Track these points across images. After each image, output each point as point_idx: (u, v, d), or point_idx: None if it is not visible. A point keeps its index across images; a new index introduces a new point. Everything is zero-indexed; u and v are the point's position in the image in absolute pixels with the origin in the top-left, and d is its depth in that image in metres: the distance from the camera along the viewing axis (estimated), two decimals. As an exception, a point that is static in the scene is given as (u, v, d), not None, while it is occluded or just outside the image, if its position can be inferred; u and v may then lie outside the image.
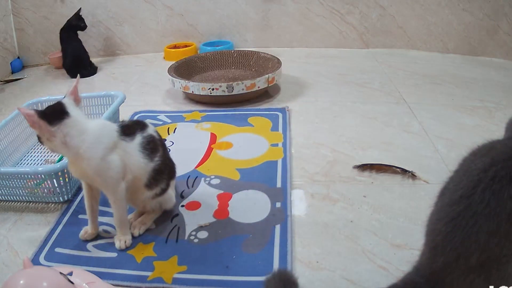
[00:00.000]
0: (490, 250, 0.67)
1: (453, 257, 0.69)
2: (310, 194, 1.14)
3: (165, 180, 1.01)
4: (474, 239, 0.67)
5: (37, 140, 1.49)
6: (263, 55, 1.99)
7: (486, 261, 0.67)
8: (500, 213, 0.67)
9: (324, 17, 2.40)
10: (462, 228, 0.69)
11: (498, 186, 0.68)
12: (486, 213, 0.68)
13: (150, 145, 0.96)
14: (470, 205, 0.70)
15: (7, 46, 2.40)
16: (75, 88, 0.91)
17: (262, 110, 1.66)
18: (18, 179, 1.13)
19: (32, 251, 0.99)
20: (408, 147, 1.34)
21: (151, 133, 0.98)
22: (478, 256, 0.67)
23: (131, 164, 0.93)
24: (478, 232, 0.67)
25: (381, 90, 1.81)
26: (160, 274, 0.89)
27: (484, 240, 0.67)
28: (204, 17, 2.48)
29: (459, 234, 0.69)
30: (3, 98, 2.04)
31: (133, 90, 1.99)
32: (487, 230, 0.67)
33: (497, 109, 1.59)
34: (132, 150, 0.93)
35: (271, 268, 0.88)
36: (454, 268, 0.69)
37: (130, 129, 0.95)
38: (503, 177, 0.68)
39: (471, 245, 0.67)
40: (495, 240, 0.67)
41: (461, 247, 0.68)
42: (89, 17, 2.42)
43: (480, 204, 0.69)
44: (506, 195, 0.67)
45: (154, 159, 0.97)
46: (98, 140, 0.88)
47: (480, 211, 0.68)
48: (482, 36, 2.20)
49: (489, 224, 0.67)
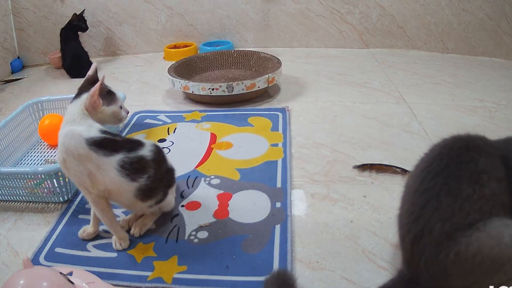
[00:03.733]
0: (453, 216, 0.65)
1: (418, 232, 0.68)
2: (310, 194, 1.14)
3: (160, 193, 0.99)
4: (436, 204, 0.66)
5: (37, 140, 1.50)
6: (263, 55, 1.99)
7: (451, 230, 0.65)
8: (460, 175, 0.66)
9: (324, 17, 2.40)
10: (423, 193, 0.68)
11: (456, 153, 0.69)
12: (446, 175, 0.67)
13: (132, 166, 0.90)
14: (429, 172, 0.69)
15: (7, 46, 2.40)
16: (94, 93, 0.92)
17: (262, 110, 1.66)
18: (18, 179, 1.13)
19: (32, 251, 0.99)
20: (408, 147, 1.34)
21: (142, 154, 0.93)
22: (442, 225, 0.65)
23: (103, 177, 0.89)
24: (439, 194, 0.66)
25: (381, 90, 1.82)
26: (160, 274, 0.89)
27: (445, 203, 0.65)
28: (204, 17, 2.48)
29: (420, 202, 0.68)
30: (3, 98, 2.04)
31: (133, 90, 1.99)
32: (448, 191, 0.66)
33: (497, 109, 1.59)
34: (106, 165, 0.89)
35: (271, 268, 0.88)
36: (423, 247, 0.67)
37: (114, 145, 0.91)
38: (460, 147, 0.70)
39: (433, 212, 0.66)
40: (457, 203, 0.65)
41: (424, 217, 0.67)
42: (89, 17, 2.42)
43: (438, 167, 0.69)
44: (464, 159, 0.68)
45: (138, 180, 0.91)
46: (61, 143, 0.89)
47: (439, 172, 0.68)
48: (482, 36, 2.20)
49: (449, 185, 0.66)
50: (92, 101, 0.92)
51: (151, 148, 0.96)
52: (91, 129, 0.90)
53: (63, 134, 0.89)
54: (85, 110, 0.92)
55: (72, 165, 0.89)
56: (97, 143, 0.88)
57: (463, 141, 0.72)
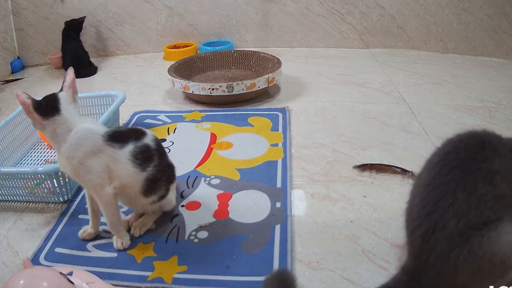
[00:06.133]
0: (469, 214, 0.64)
1: (430, 226, 0.66)
2: (310, 194, 1.14)
3: (163, 187, 1.00)
4: (452, 199, 0.64)
5: (37, 140, 1.50)
6: (263, 55, 1.99)
7: (465, 228, 0.64)
8: (476, 172, 0.65)
9: (324, 17, 2.40)
10: (438, 187, 0.67)
11: (472, 150, 0.68)
12: (463, 169, 0.66)
13: (143, 155, 0.93)
14: (445, 165, 0.68)
15: (7, 46, 2.40)
16: (72, 81, 0.91)
17: (262, 110, 1.66)
18: (18, 179, 1.13)
19: (32, 251, 0.99)
20: (408, 147, 1.34)
21: (147, 142, 0.95)
22: (457, 221, 0.64)
23: (118, 171, 0.91)
24: (455, 189, 0.64)
25: (381, 90, 1.81)
26: (160, 274, 0.89)
27: (462, 199, 0.64)
28: (204, 17, 2.48)
29: (434, 196, 0.66)
30: (3, 98, 2.04)
31: (133, 90, 1.99)
32: (465, 187, 0.64)
33: (497, 109, 1.59)
34: (120, 157, 0.90)
35: (271, 268, 0.88)
36: (433, 243, 0.66)
37: (123, 136, 0.93)
38: (477, 144, 0.69)
39: (449, 207, 0.64)
40: (474, 201, 0.64)
41: (438, 211, 0.65)
42: (89, 17, 2.42)
43: (455, 161, 0.67)
44: (480, 157, 0.66)
45: (147, 169, 0.93)
46: (78, 142, 0.87)
47: (456, 166, 0.66)
48: (482, 36, 2.20)
49: (466, 181, 0.65)
50: (21, 101, 0.84)
51: (152, 137, 0.98)
52: (98, 125, 0.93)
53: (78, 135, 0.87)
54: None
55: (93, 164, 0.88)
56: (111, 137, 0.91)
57: (479, 138, 0.70)
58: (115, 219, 0.96)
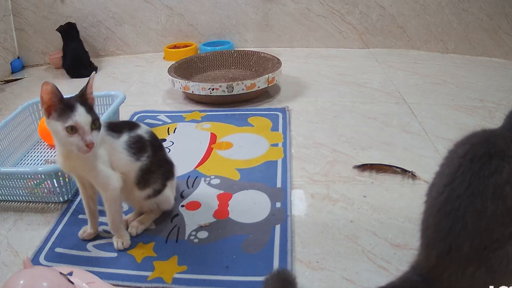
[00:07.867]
0: (480, 235, 0.65)
1: (445, 248, 0.67)
2: (310, 194, 1.14)
3: (158, 181, 1.00)
4: (462, 225, 0.65)
5: (37, 140, 1.50)
6: (263, 55, 1.99)
7: (479, 248, 0.65)
8: (484, 192, 0.65)
9: (324, 17, 2.40)
10: (448, 214, 0.67)
11: (478, 165, 0.67)
12: (469, 193, 0.66)
13: (136, 144, 0.96)
14: (453, 190, 0.68)
15: (7, 46, 2.40)
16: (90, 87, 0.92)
17: (262, 110, 1.66)
18: (18, 179, 1.13)
19: (32, 251, 0.99)
20: (408, 147, 1.34)
21: (139, 134, 0.98)
22: (470, 243, 0.65)
23: (116, 161, 0.93)
24: (465, 215, 0.65)
25: (381, 90, 1.81)
26: (160, 274, 0.89)
27: (472, 223, 0.65)
28: (204, 17, 2.48)
29: (446, 223, 0.68)
30: (3, 98, 2.04)
31: (133, 90, 1.99)
32: (473, 211, 0.65)
33: (497, 109, 1.59)
34: (117, 146, 0.94)
35: (271, 268, 0.88)
36: (449, 261, 0.67)
37: (118, 127, 0.97)
38: (482, 156, 0.68)
39: (460, 232, 0.66)
40: (483, 222, 0.64)
41: (451, 236, 0.67)
42: (89, 17, 2.42)
43: (461, 185, 0.67)
44: (487, 173, 0.66)
45: (140, 159, 0.96)
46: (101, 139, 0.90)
47: (462, 192, 0.67)
48: (482, 36, 2.20)
49: (474, 204, 0.65)
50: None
51: (147, 130, 1.01)
52: None
53: None
54: None
55: (101, 154, 0.89)
56: (108, 127, 0.93)
57: (484, 146, 0.69)
58: (118, 217, 0.97)
